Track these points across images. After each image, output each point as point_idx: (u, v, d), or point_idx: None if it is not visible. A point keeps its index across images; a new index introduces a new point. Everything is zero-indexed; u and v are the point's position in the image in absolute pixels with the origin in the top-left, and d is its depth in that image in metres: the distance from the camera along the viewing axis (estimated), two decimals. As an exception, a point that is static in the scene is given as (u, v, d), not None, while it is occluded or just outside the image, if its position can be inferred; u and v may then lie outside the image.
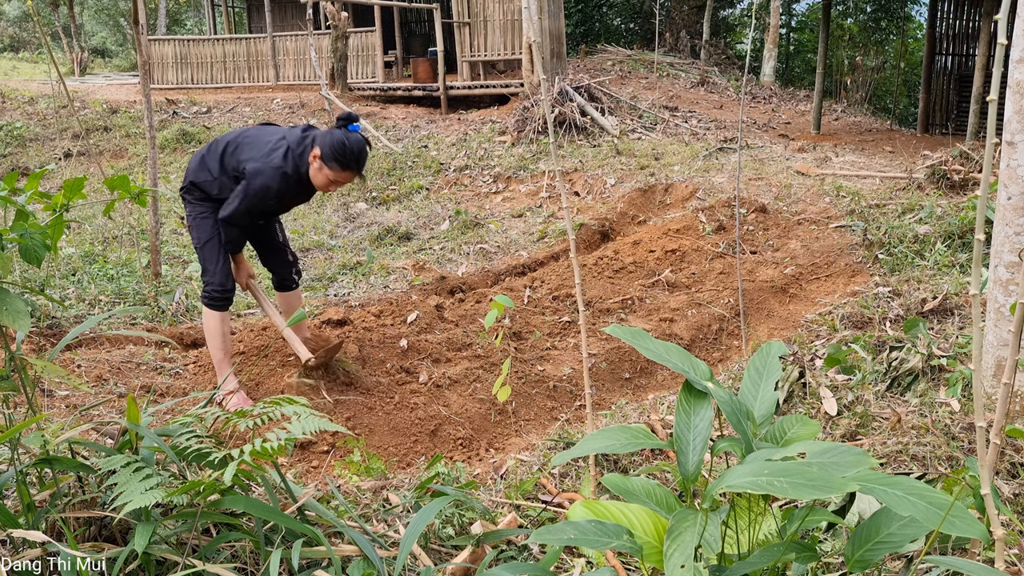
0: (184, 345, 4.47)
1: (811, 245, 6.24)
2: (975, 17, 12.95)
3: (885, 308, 4.53)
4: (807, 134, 11.85)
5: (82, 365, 3.92)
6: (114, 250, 6.70)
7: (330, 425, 1.85)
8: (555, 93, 11.03)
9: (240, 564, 1.86)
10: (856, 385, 3.42)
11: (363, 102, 13.93)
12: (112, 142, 11.68)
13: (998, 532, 1.58)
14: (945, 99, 13.39)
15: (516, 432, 3.86)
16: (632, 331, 1.87)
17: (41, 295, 2.23)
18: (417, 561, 2.06)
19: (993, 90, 1.58)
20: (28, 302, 3.84)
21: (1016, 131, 2.92)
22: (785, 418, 1.78)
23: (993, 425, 1.78)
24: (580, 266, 5.89)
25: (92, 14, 30.03)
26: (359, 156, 3.46)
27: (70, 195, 1.92)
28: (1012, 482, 2.55)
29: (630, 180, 8.49)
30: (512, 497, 2.63)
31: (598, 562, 2.12)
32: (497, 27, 13.81)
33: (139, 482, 1.69)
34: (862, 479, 1.43)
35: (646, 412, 3.54)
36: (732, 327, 5.08)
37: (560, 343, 4.79)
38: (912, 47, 21.13)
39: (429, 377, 4.14)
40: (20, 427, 1.72)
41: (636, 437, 1.68)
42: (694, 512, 1.43)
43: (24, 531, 1.65)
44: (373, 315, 4.87)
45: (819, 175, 8.17)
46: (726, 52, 21.01)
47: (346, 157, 3.42)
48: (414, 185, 9.24)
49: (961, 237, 5.69)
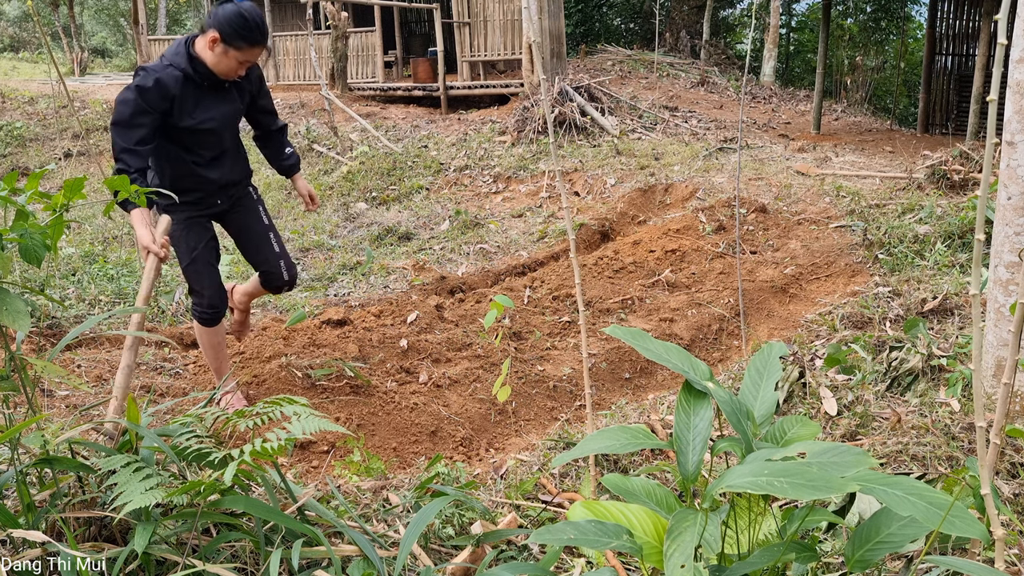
0: (184, 345, 4.47)
1: (811, 245, 6.24)
2: (975, 17, 12.95)
3: (885, 308, 4.53)
4: (807, 134, 11.85)
5: (82, 365, 3.92)
6: (114, 250, 6.71)
7: (330, 425, 1.85)
8: (555, 93, 11.03)
9: (240, 564, 1.86)
10: (856, 385, 3.42)
11: (363, 102, 13.93)
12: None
13: (998, 532, 1.58)
14: (945, 99, 13.39)
15: (516, 432, 3.86)
16: (632, 331, 1.87)
17: (41, 295, 2.23)
18: (417, 561, 2.06)
19: (993, 90, 1.58)
20: (28, 302, 3.84)
21: (1016, 131, 2.92)
22: (785, 418, 1.78)
23: (993, 425, 1.78)
24: (580, 266, 5.89)
25: (92, 14, 30.03)
26: (262, 26, 3.08)
27: (70, 195, 1.92)
28: (1012, 482, 2.55)
29: (630, 180, 8.49)
30: (512, 497, 2.63)
31: (598, 562, 2.12)
32: (497, 27, 13.81)
33: (139, 482, 1.69)
34: (862, 479, 1.43)
35: (646, 412, 3.54)
36: (732, 327, 5.08)
37: (560, 343, 4.79)
38: (912, 47, 21.13)
39: (429, 377, 4.14)
40: (20, 427, 1.72)
41: (636, 437, 1.68)
42: (694, 512, 1.43)
43: (24, 531, 1.65)
44: (373, 315, 4.87)
45: (819, 175, 8.17)
46: (726, 52, 21.01)
47: (251, 30, 3.04)
48: (414, 185, 9.24)
49: (961, 237, 5.69)
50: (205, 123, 3.15)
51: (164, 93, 3.00)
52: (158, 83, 2.98)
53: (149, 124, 2.98)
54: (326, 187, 9.34)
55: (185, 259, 3.34)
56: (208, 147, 3.24)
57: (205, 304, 3.41)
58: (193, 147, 3.19)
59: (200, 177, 3.24)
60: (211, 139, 3.22)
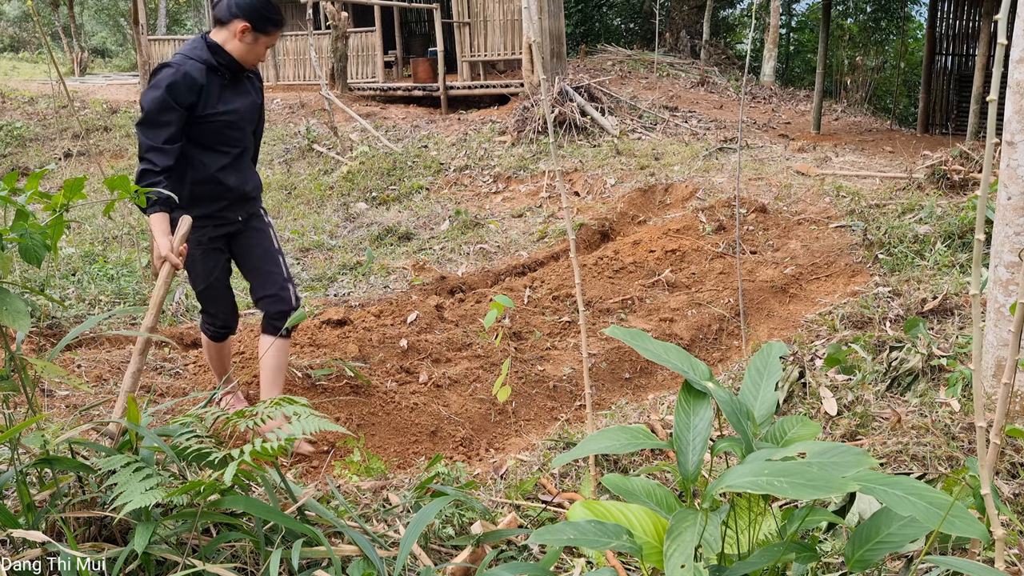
0: (184, 345, 4.47)
1: (811, 245, 6.24)
2: (975, 17, 12.95)
3: (885, 308, 4.53)
4: (807, 134, 11.85)
5: (82, 365, 3.93)
6: (114, 250, 6.71)
7: (330, 425, 1.85)
8: (555, 93, 11.03)
9: (240, 564, 1.86)
10: (856, 385, 3.42)
11: (363, 102, 13.93)
12: (112, 142, 11.68)
13: (998, 532, 1.58)
14: (945, 99, 13.39)
15: (516, 432, 3.86)
16: (632, 332, 1.87)
17: (41, 295, 2.24)
18: (417, 561, 2.06)
19: (993, 90, 1.58)
20: (28, 302, 3.84)
21: (1016, 131, 2.92)
22: (785, 418, 1.78)
23: (993, 425, 1.78)
24: (580, 266, 5.89)
25: (92, 14, 30.03)
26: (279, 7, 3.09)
27: (70, 195, 1.92)
28: (1012, 482, 2.55)
29: (630, 180, 8.49)
30: (512, 497, 2.63)
31: (598, 562, 2.12)
32: (497, 27, 13.81)
33: (139, 482, 1.69)
34: (862, 479, 1.43)
35: (646, 412, 3.54)
36: (732, 327, 5.08)
37: (560, 343, 4.79)
38: (912, 47, 21.12)
39: (429, 377, 4.14)
40: (20, 427, 1.72)
41: (636, 437, 1.68)
42: (694, 512, 1.43)
43: (24, 531, 1.65)
44: (373, 315, 4.87)
45: (819, 175, 8.17)
46: (726, 52, 21.01)
47: (277, 12, 3.07)
48: (414, 185, 9.25)
49: (961, 237, 5.69)
50: (229, 114, 3.12)
51: (192, 85, 2.97)
52: (186, 76, 2.95)
53: (176, 121, 2.94)
54: (326, 187, 9.34)
55: (200, 283, 3.29)
56: (231, 143, 3.18)
57: (219, 324, 3.41)
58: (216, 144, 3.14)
59: (221, 184, 3.17)
60: (235, 134, 3.18)
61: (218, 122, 3.09)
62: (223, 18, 3.04)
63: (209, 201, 3.17)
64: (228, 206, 3.23)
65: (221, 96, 3.10)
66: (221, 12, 3.04)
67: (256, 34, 3.05)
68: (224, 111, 3.10)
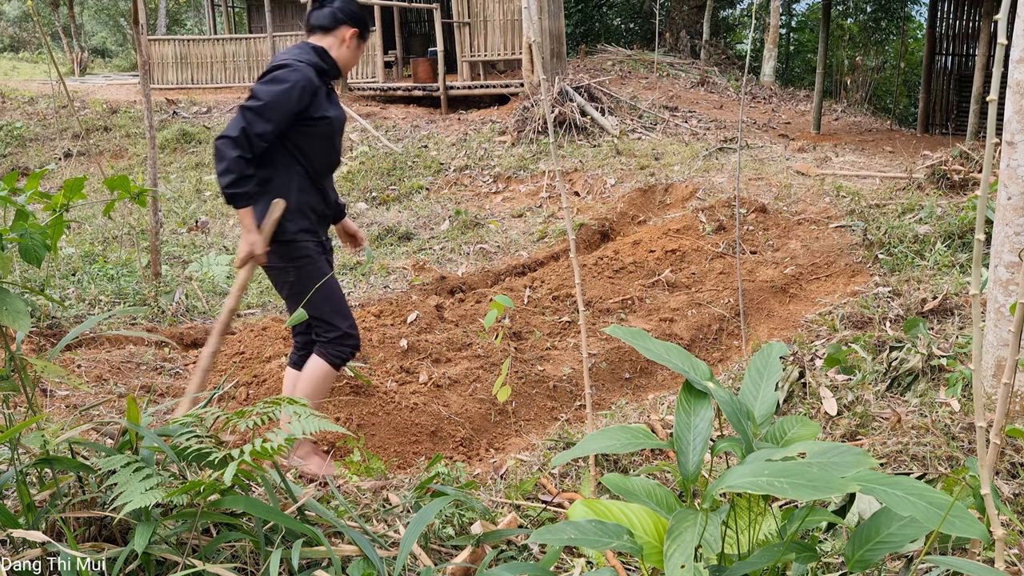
0: (184, 345, 4.47)
1: (811, 245, 6.24)
2: (975, 17, 12.95)
3: (885, 308, 4.53)
4: (807, 134, 11.85)
5: (82, 365, 3.93)
6: (114, 250, 6.70)
7: (330, 425, 1.85)
8: (555, 93, 11.03)
9: (240, 564, 1.86)
10: (856, 385, 3.42)
11: (363, 102, 13.93)
12: (112, 142, 11.68)
13: (998, 532, 1.58)
14: (945, 99, 13.40)
15: (516, 432, 3.86)
16: (632, 331, 1.87)
17: (41, 295, 2.24)
18: (417, 561, 2.07)
19: (993, 90, 1.58)
20: (28, 302, 3.85)
21: (1016, 131, 2.92)
22: (785, 418, 1.78)
23: (993, 425, 1.78)
24: (580, 266, 5.89)
25: (92, 14, 30.03)
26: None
27: (70, 195, 1.92)
28: (1012, 482, 2.55)
29: (630, 180, 8.49)
30: (512, 497, 2.63)
31: (598, 562, 2.12)
32: (497, 27, 13.81)
33: (139, 482, 1.69)
34: (862, 479, 1.43)
35: (646, 412, 3.54)
36: (732, 327, 5.08)
37: (560, 343, 4.79)
38: (912, 47, 21.12)
39: (429, 377, 4.14)
40: (20, 427, 1.72)
41: (636, 437, 1.68)
42: (694, 512, 1.43)
43: (24, 531, 1.65)
44: (373, 315, 4.87)
45: (819, 175, 8.17)
46: (726, 52, 21.01)
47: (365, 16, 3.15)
48: (414, 185, 9.25)
49: (961, 237, 5.69)
50: (336, 121, 3.07)
51: (311, 86, 2.94)
52: (308, 78, 2.92)
53: (281, 122, 2.88)
54: (326, 187, 9.33)
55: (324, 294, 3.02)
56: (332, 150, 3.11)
57: (354, 342, 3.10)
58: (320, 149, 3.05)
59: (321, 193, 3.08)
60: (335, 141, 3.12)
61: (327, 127, 3.02)
62: (327, 25, 3.04)
63: (312, 209, 3.05)
64: (321, 219, 3.12)
65: (327, 101, 3.06)
66: (324, 19, 3.04)
67: (359, 40, 3.10)
68: (332, 116, 3.05)
